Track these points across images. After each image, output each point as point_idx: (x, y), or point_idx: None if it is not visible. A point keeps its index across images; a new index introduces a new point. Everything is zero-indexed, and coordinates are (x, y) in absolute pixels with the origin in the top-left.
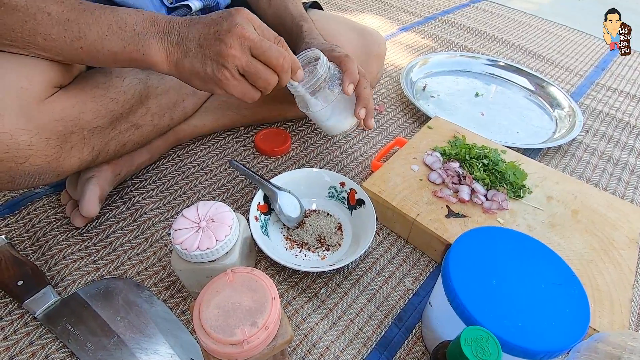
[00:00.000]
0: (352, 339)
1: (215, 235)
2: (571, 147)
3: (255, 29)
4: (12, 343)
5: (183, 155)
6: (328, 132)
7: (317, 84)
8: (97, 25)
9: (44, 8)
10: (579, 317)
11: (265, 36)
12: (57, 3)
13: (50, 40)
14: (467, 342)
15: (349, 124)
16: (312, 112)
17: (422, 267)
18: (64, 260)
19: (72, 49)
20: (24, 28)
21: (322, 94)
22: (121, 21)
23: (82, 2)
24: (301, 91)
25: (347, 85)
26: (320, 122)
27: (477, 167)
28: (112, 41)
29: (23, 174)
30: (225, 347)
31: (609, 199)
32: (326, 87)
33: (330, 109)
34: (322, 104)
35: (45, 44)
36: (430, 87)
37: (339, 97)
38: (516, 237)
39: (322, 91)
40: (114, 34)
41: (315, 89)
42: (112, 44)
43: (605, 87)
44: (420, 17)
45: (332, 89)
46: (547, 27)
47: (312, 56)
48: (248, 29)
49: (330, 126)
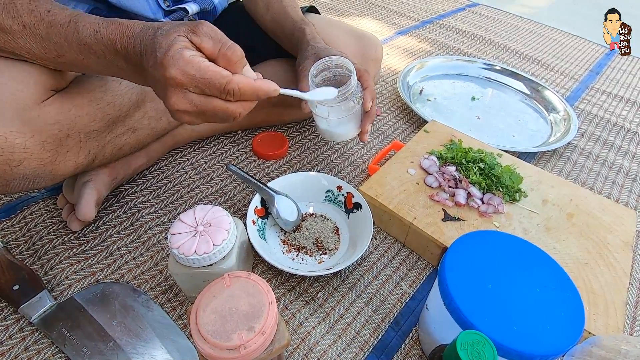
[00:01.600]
0: (349, 342)
1: (213, 239)
2: (566, 151)
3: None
4: (8, 348)
5: (180, 158)
6: (331, 138)
7: (348, 93)
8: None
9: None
10: (574, 320)
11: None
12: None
13: (33, 54)
14: (462, 346)
15: (353, 135)
16: (328, 119)
17: (419, 271)
18: (60, 265)
19: (58, 64)
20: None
21: (345, 104)
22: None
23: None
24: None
25: (368, 101)
26: (329, 128)
27: (473, 170)
28: (90, 63)
29: (18, 177)
30: (222, 352)
31: (603, 203)
32: (351, 98)
33: (346, 119)
34: (343, 113)
35: (31, 56)
36: (427, 91)
37: (358, 110)
38: (512, 241)
39: (347, 101)
40: (87, 57)
41: (343, 99)
42: (91, 65)
43: (600, 91)
44: (416, 21)
45: (354, 101)
46: (543, 31)
47: (335, 63)
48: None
49: (338, 133)
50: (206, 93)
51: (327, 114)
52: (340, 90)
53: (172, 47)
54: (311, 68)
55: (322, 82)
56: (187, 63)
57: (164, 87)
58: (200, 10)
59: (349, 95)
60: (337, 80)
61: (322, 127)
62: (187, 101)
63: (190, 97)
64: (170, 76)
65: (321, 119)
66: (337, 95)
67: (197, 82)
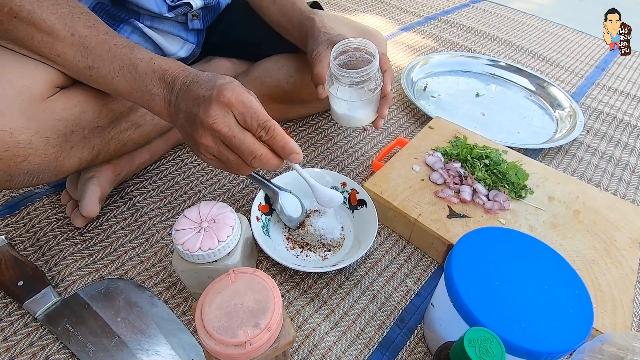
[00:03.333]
0: (354, 339)
1: (217, 235)
2: (572, 148)
3: (236, 116)
4: (13, 344)
5: (184, 155)
6: (349, 124)
7: (372, 74)
8: (110, 63)
9: (71, 27)
10: (582, 318)
11: (247, 124)
12: (86, 27)
13: (64, 59)
14: (470, 343)
15: (370, 119)
16: (350, 100)
17: (424, 268)
18: (64, 261)
19: (81, 74)
20: (43, 40)
21: (368, 85)
22: (132, 67)
23: (107, 32)
24: (352, 78)
25: (388, 83)
26: (348, 112)
27: (478, 167)
28: (121, 83)
29: (22, 172)
30: (228, 349)
31: (610, 200)
32: (373, 78)
33: (367, 102)
34: (365, 95)
35: (58, 60)
36: (431, 87)
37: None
38: (519, 237)
39: (369, 82)
40: (124, 77)
41: (364, 80)
42: (121, 85)
43: (606, 87)
44: (420, 17)
45: (377, 83)
46: (548, 28)
47: (355, 46)
48: (221, 122)
49: (356, 117)
50: (246, 122)
51: (349, 96)
52: (364, 70)
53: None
54: (332, 50)
55: (341, 66)
56: (243, 93)
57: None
58: (204, 5)
59: (372, 76)
60: (353, 66)
61: (340, 112)
62: (225, 125)
63: (229, 121)
64: (224, 97)
65: (341, 102)
66: (361, 75)
67: (245, 108)
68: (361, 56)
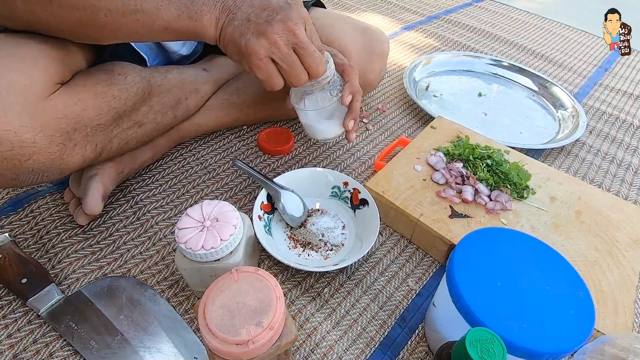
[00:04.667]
0: (355, 338)
1: (220, 234)
2: (574, 148)
3: (305, 29)
4: (16, 341)
5: (186, 153)
6: (314, 135)
7: (322, 84)
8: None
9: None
10: (584, 318)
11: (312, 40)
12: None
13: (110, 15)
14: (472, 343)
15: (335, 132)
16: (304, 110)
17: (425, 267)
18: (68, 259)
19: (129, 22)
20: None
21: (322, 95)
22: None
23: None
24: (305, 86)
25: (346, 95)
26: (310, 123)
27: (480, 167)
28: (167, 10)
29: (27, 171)
30: (231, 347)
31: (612, 200)
32: (328, 90)
33: (325, 113)
34: (319, 104)
35: (105, 20)
36: (433, 87)
37: (335, 104)
38: (521, 238)
39: (323, 93)
40: (170, 3)
41: (318, 89)
42: (167, 14)
43: (609, 87)
44: (423, 16)
45: (332, 93)
46: (551, 27)
47: None
48: (299, 27)
49: (318, 129)
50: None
51: (303, 104)
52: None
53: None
54: None
55: None
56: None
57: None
58: None
59: (325, 85)
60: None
61: (303, 122)
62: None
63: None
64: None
65: (301, 112)
66: (310, 84)
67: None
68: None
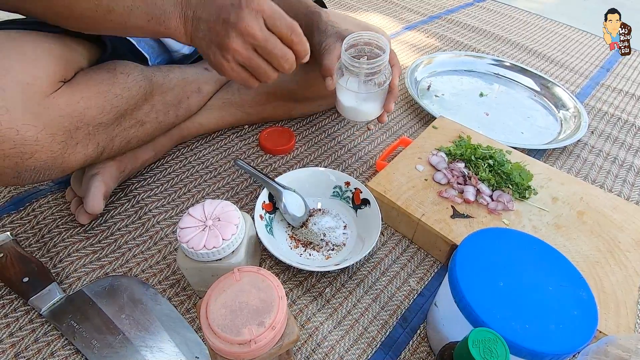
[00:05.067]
0: (356, 338)
1: (222, 234)
2: (576, 148)
3: (265, 20)
4: (18, 340)
5: (187, 153)
6: (355, 117)
7: (380, 67)
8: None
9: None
10: (587, 319)
11: (275, 28)
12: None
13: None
14: (474, 343)
15: (377, 114)
16: (358, 92)
17: (427, 268)
18: (69, 258)
19: (105, 22)
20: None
21: (377, 78)
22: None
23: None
24: (364, 69)
25: (397, 77)
26: (356, 105)
27: (482, 167)
28: (137, 15)
29: (29, 169)
30: (233, 347)
31: (614, 201)
32: (383, 71)
33: (374, 95)
34: (373, 88)
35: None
36: (435, 87)
37: (386, 86)
38: (523, 238)
39: (379, 75)
40: (138, 8)
41: (375, 72)
42: (137, 19)
43: (611, 88)
44: (424, 16)
45: (386, 75)
46: (552, 27)
47: (366, 39)
48: (253, 26)
49: (363, 111)
50: (275, 26)
51: (357, 87)
52: (377, 61)
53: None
54: (343, 42)
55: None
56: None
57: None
58: None
59: (382, 69)
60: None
61: (347, 105)
62: (259, 28)
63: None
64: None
65: (350, 94)
66: (373, 67)
67: (274, 12)
68: (370, 50)
